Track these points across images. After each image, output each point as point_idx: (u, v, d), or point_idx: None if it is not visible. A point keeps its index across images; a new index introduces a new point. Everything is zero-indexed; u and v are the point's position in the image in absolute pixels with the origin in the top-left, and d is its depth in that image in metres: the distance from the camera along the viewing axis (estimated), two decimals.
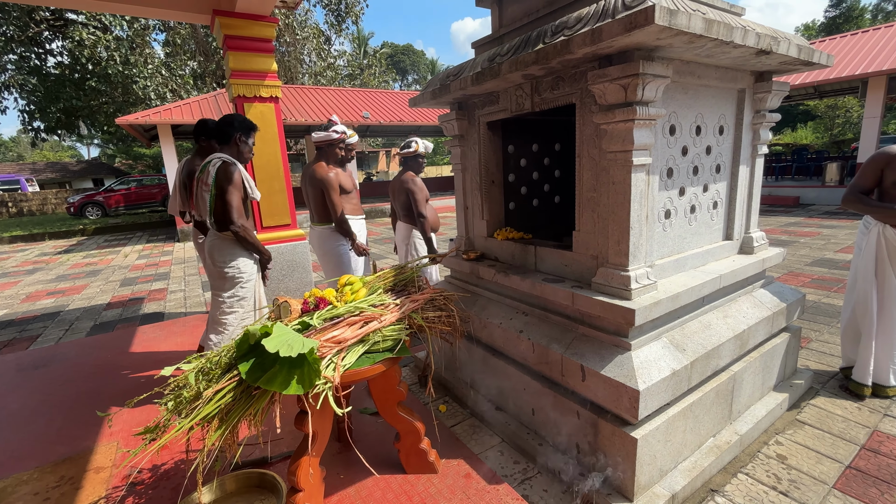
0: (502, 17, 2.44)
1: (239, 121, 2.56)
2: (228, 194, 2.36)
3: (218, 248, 2.51)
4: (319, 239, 3.32)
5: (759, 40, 1.74)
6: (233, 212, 2.38)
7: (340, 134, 3.19)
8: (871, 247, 2.43)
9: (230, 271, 2.52)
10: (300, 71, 19.69)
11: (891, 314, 2.40)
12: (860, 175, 2.44)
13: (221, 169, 2.40)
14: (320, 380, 1.47)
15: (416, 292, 2.00)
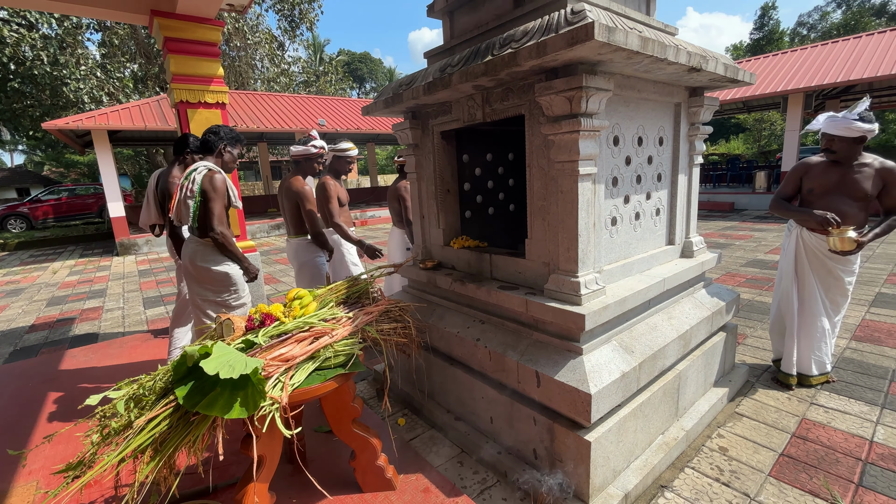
0: (454, 28, 2.46)
1: (225, 131, 2.65)
2: (211, 202, 2.41)
3: (200, 253, 2.53)
4: (296, 251, 3.26)
5: (690, 58, 1.86)
6: (213, 219, 2.42)
7: (319, 149, 3.18)
8: (791, 248, 2.64)
9: (217, 275, 2.53)
10: (252, 76, 19.06)
11: (810, 310, 2.61)
12: (783, 183, 2.69)
13: (207, 177, 2.44)
14: (266, 401, 1.39)
15: (370, 304, 1.96)
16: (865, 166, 2.42)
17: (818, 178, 2.52)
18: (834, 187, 2.47)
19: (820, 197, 2.51)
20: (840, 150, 2.41)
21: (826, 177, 2.49)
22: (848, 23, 30.96)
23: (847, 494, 1.83)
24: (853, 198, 2.43)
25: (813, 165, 2.56)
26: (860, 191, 2.40)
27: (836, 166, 2.47)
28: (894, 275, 4.97)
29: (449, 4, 2.38)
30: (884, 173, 2.39)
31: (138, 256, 10.19)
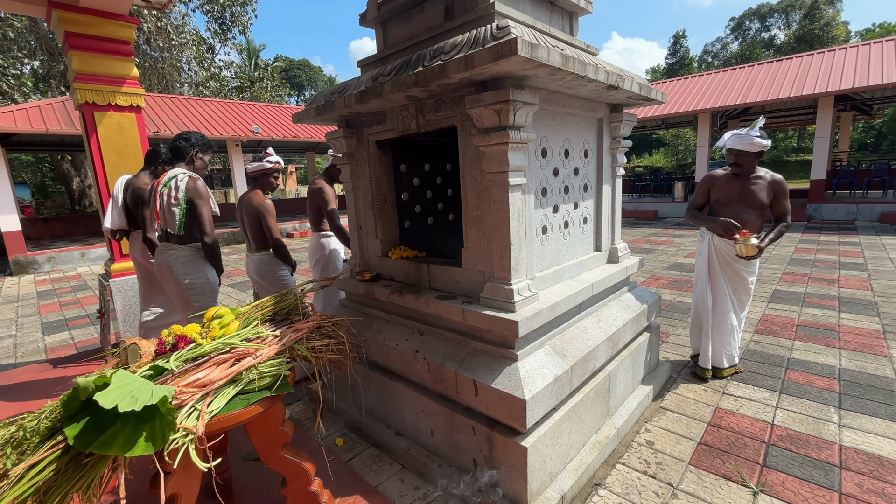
0: (387, 38, 2.45)
1: (196, 138, 2.68)
2: (200, 207, 2.46)
3: (182, 260, 2.55)
4: (257, 266, 3.14)
5: (608, 77, 1.99)
6: (206, 224, 2.48)
7: (274, 164, 3.14)
8: (704, 253, 2.88)
9: (196, 284, 2.57)
10: (178, 80, 17.79)
11: (721, 309, 2.86)
12: (694, 194, 2.97)
13: (190, 184, 2.48)
14: (178, 433, 1.25)
15: (300, 321, 1.86)
16: (760, 178, 2.72)
17: (722, 189, 2.79)
18: (736, 197, 2.75)
19: (725, 206, 2.79)
20: (745, 164, 2.68)
21: (729, 188, 2.77)
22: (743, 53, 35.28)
23: (754, 475, 2.01)
24: (751, 206, 2.72)
25: (718, 178, 2.84)
26: (757, 200, 2.69)
27: (737, 179, 2.75)
28: (787, 273, 5.65)
29: (381, 15, 2.37)
30: (774, 185, 2.70)
31: (38, 276, 9.01)
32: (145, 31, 14.25)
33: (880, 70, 9.63)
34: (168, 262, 2.57)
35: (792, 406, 2.58)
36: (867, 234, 8.27)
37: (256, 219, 3.05)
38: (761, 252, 2.60)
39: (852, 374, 2.92)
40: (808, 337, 3.57)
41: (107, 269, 3.84)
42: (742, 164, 2.69)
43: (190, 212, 2.47)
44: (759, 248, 2.58)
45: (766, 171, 2.76)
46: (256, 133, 12.44)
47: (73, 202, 15.65)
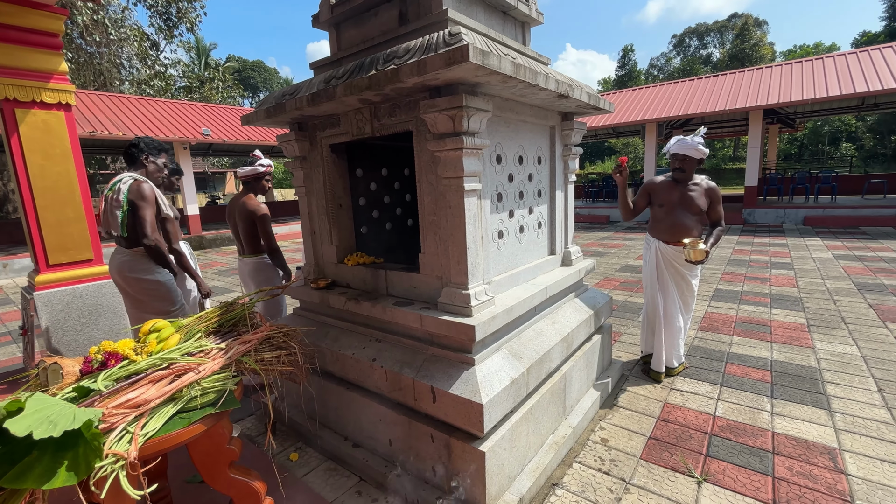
0: (340, 41, 2.41)
1: (145, 142, 2.71)
2: (141, 210, 2.44)
3: (128, 264, 2.56)
4: (252, 270, 3.07)
5: (559, 86, 2.05)
6: (146, 226, 2.45)
7: (266, 167, 3.08)
8: (651, 259, 2.98)
9: (150, 285, 2.56)
10: (118, 77, 16.64)
11: (670, 312, 2.96)
12: (636, 197, 3.07)
13: (133, 186, 2.47)
14: (105, 459, 1.15)
15: (248, 332, 1.77)
16: (697, 185, 2.85)
17: (663, 194, 2.89)
18: (677, 203, 2.85)
19: (667, 212, 2.88)
20: (688, 170, 2.79)
21: (669, 194, 2.87)
22: (685, 67, 37.82)
23: (698, 465, 2.13)
24: (691, 212, 2.83)
25: (658, 184, 2.94)
26: (696, 206, 2.81)
27: (676, 185, 2.87)
28: (727, 273, 6.06)
29: (334, 17, 2.33)
30: (709, 192, 2.84)
31: None
32: (80, 23, 13.24)
33: (801, 87, 10.62)
34: (115, 265, 2.58)
35: (731, 398, 2.75)
36: (793, 235, 9.05)
37: (251, 223, 3.00)
38: (708, 255, 2.65)
39: (782, 366, 3.17)
40: (745, 332, 3.84)
41: (31, 282, 3.50)
42: (685, 169, 2.79)
43: (132, 214, 2.46)
44: (707, 252, 2.65)
45: (703, 178, 2.89)
46: (206, 135, 11.85)
47: None
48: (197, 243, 11.97)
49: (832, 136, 31.71)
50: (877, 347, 3.40)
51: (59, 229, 3.38)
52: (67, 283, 3.44)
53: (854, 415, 2.50)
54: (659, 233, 2.94)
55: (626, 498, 1.94)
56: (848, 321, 4.00)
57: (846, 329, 3.81)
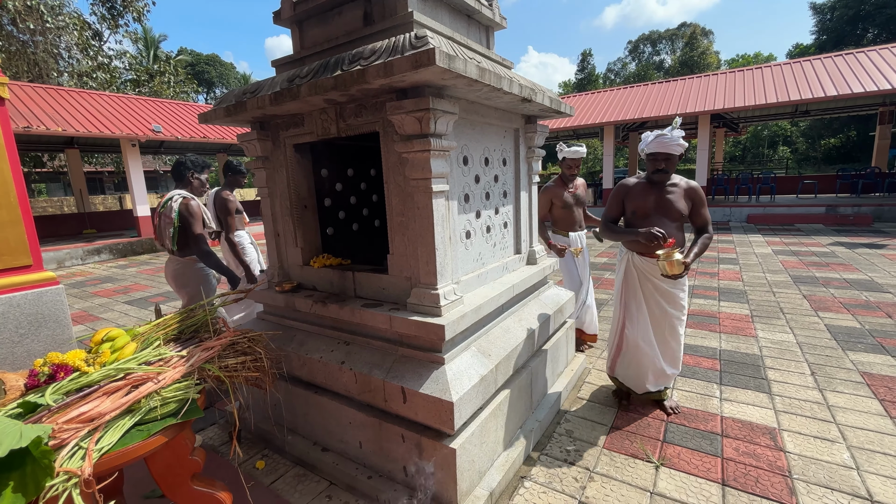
0: (303, 39, 2.37)
1: (191, 160, 3.02)
2: (192, 226, 2.80)
3: (182, 272, 2.96)
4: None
5: (522, 90, 2.11)
6: (199, 240, 2.82)
7: None
8: (620, 272, 2.56)
9: (191, 292, 2.93)
10: (56, 68, 15.41)
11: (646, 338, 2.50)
12: (607, 207, 2.61)
13: (182, 205, 2.81)
14: (56, 477, 1.08)
15: (210, 338, 1.71)
16: (675, 186, 2.43)
17: (638, 199, 2.46)
18: (653, 208, 2.42)
19: (642, 219, 2.45)
20: (672, 169, 2.39)
21: (645, 198, 2.44)
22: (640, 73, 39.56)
23: (656, 451, 2.25)
24: (671, 218, 2.40)
25: (632, 187, 2.49)
26: (676, 211, 2.38)
27: (652, 187, 2.44)
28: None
29: (297, 14, 2.28)
30: (691, 192, 2.42)
31: None
32: (11, 9, 12.18)
33: (743, 94, 11.39)
34: (170, 272, 3.00)
35: (686, 386, 2.93)
36: (738, 233, 9.70)
37: None
38: (687, 269, 2.24)
39: (729, 354, 3.40)
40: (697, 324, 4.08)
41: None
42: (669, 169, 2.38)
43: (182, 229, 2.81)
44: (685, 265, 2.21)
45: (681, 178, 2.49)
46: (157, 132, 11.22)
47: None
48: (148, 246, 11.32)
49: (770, 139, 34.23)
50: (810, 335, 3.72)
51: None
52: (3, 292, 3.17)
53: (791, 397, 2.73)
54: (633, 243, 2.50)
55: (590, 486, 2.03)
56: (785, 311, 4.34)
57: (784, 319, 4.14)
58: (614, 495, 1.96)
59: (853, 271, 5.79)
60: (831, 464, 2.10)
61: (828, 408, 2.59)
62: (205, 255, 2.85)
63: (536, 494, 1.98)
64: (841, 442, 2.26)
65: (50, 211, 19.55)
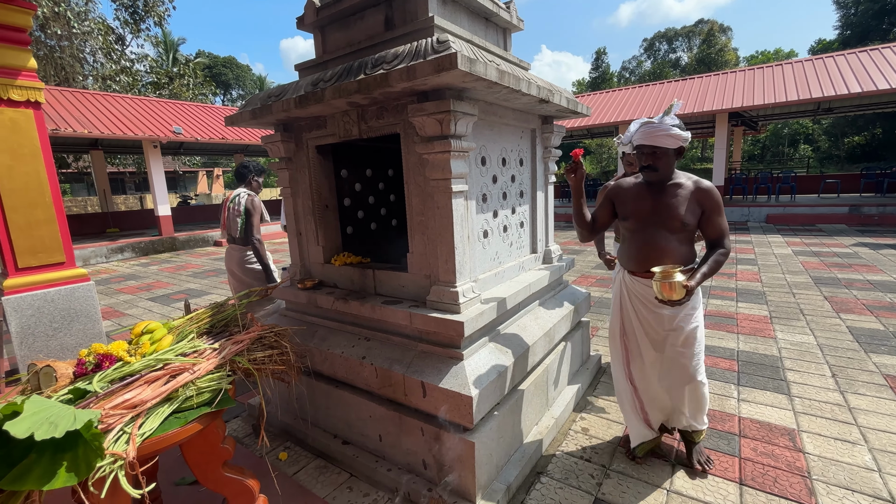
0: (325, 44, 2.44)
1: (253, 166, 3.60)
2: (253, 218, 3.40)
3: (244, 259, 3.54)
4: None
5: (540, 91, 2.15)
6: (255, 230, 3.40)
7: None
8: (616, 286, 2.19)
9: (256, 273, 3.53)
10: (81, 72, 15.91)
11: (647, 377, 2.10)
12: (596, 209, 2.16)
13: (248, 200, 3.43)
14: (104, 459, 1.16)
15: (239, 332, 1.78)
16: (680, 188, 1.89)
17: (631, 204, 1.97)
18: (650, 216, 1.93)
19: (636, 230, 1.98)
20: (662, 167, 1.87)
21: (639, 202, 1.94)
22: (655, 71, 39.02)
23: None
24: (670, 229, 1.90)
25: (625, 188, 2.01)
26: (676, 219, 1.87)
27: (649, 189, 1.95)
28: None
29: (319, 20, 2.35)
30: (700, 196, 1.87)
31: None
32: (40, 16, 12.61)
33: (763, 92, 11.17)
34: (234, 259, 3.55)
35: None
36: (757, 233, 9.53)
37: None
38: (690, 294, 1.74)
39: (747, 355, 3.37)
40: (714, 325, 4.05)
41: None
42: (658, 166, 1.86)
43: (246, 221, 3.40)
44: (686, 288, 1.72)
45: (689, 178, 1.93)
46: (178, 133, 11.50)
47: None
48: (169, 245, 11.61)
49: (791, 138, 33.41)
50: (831, 336, 3.66)
51: (29, 232, 3.26)
52: (38, 287, 3.32)
53: (811, 398, 2.70)
54: (626, 259, 2.07)
55: (606, 483, 2.05)
56: (806, 312, 4.28)
57: (804, 320, 4.08)
58: (630, 492, 1.98)
59: (877, 272, 5.66)
60: (852, 465, 2.08)
61: (849, 410, 2.56)
62: (256, 245, 3.38)
63: (553, 490, 2.01)
64: (862, 444, 2.24)
65: (74, 210, 20.18)
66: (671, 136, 1.81)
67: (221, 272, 8.20)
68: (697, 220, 1.91)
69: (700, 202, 1.89)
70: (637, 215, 1.97)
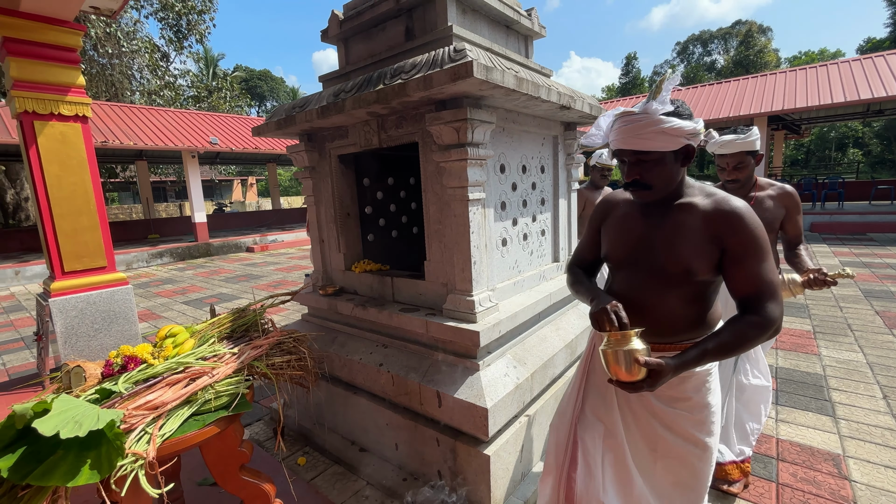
0: (348, 55, 2.49)
1: None
2: None
3: None
4: None
5: (560, 98, 2.11)
6: None
7: None
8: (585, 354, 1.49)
9: None
10: (129, 88, 16.97)
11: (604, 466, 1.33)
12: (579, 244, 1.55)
13: None
14: (125, 458, 1.20)
15: (259, 337, 1.82)
16: (688, 209, 1.20)
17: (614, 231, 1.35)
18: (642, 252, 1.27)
19: (617, 269, 1.35)
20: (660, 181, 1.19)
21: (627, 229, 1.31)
22: (689, 75, 37.87)
23: None
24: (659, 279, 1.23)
25: (615, 205, 1.38)
26: (673, 260, 1.19)
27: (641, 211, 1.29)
28: None
29: (343, 32, 2.41)
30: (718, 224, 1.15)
31: None
32: (93, 36, 13.56)
33: (805, 94, 10.63)
34: None
35: None
36: None
37: None
38: (658, 379, 1.07)
39: (787, 373, 3.17)
40: None
41: (46, 288, 3.59)
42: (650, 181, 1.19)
43: None
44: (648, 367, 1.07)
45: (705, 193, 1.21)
46: (214, 144, 12.05)
47: (7, 216, 14.47)
48: (204, 250, 12.11)
49: (839, 141, 31.57)
50: (882, 354, 3.40)
51: (75, 237, 3.47)
52: (81, 290, 3.52)
53: (859, 421, 2.50)
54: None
55: None
56: (854, 328, 3.99)
57: (852, 336, 3.80)
58: None
59: None
60: None
61: None
62: None
63: None
64: None
65: (121, 217, 21.42)
66: (665, 133, 1.11)
67: (252, 277, 8.47)
68: (716, 265, 1.16)
69: (717, 235, 1.14)
70: (618, 249, 1.32)
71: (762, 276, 1.12)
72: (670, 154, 1.17)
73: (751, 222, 1.13)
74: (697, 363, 1.11)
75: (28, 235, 12.35)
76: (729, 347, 1.11)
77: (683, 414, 1.26)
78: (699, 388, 1.26)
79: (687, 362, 1.10)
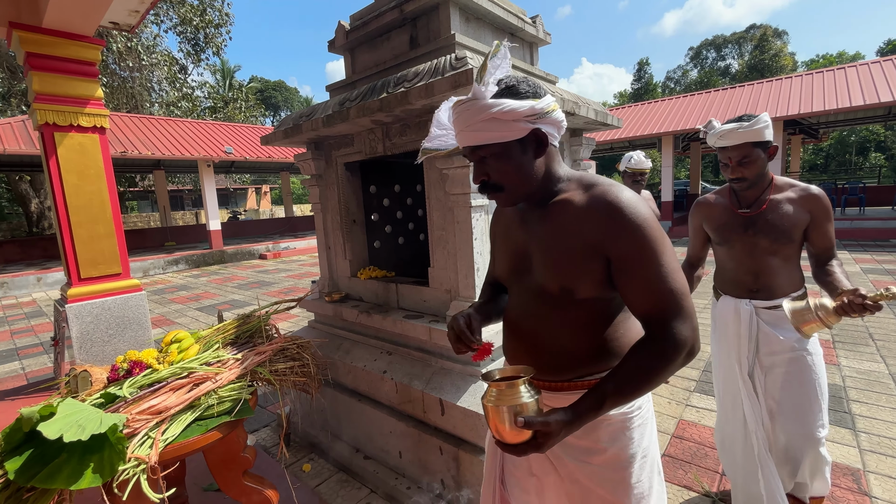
0: (355, 64, 2.53)
1: None
2: None
3: None
4: None
5: (564, 104, 2.10)
6: None
7: None
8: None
9: None
10: (148, 100, 17.49)
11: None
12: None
13: None
14: (127, 462, 1.22)
15: (263, 343, 1.84)
16: (562, 210, 0.98)
17: (500, 243, 1.19)
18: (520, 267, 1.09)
19: (508, 289, 1.19)
20: (508, 182, 0.99)
21: (509, 240, 1.13)
22: (702, 80, 37.52)
23: (714, 484, 2.08)
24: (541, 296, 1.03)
25: (501, 212, 1.20)
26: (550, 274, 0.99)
27: (521, 217, 1.08)
28: None
29: (349, 42, 2.45)
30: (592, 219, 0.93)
31: None
32: (114, 50, 14.03)
33: (822, 97, 10.42)
34: None
35: None
36: None
37: None
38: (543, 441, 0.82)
39: None
40: None
41: (63, 294, 3.69)
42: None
43: None
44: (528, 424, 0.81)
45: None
46: (229, 153, 12.30)
47: (31, 224, 14.95)
48: (218, 257, 12.32)
49: (860, 145, 30.83)
50: None
51: (91, 245, 3.56)
52: (97, 296, 3.60)
53: (880, 435, 2.41)
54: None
55: None
56: (876, 338, 3.86)
57: (874, 346, 3.67)
58: None
59: None
60: None
61: None
62: None
63: None
64: None
65: (140, 225, 21.94)
66: (496, 118, 0.93)
67: (264, 284, 8.58)
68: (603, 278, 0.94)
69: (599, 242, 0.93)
70: (502, 266, 1.18)
71: (660, 285, 0.86)
72: (514, 144, 0.95)
73: (635, 219, 0.87)
74: (597, 412, 0.84)
75: (50, 243, 12.73)
76: (633, 388, 0.85)
77: (598, 471, 0.97)
78: (615, 436, 0.97)
79: (582, 415, 0.83)
